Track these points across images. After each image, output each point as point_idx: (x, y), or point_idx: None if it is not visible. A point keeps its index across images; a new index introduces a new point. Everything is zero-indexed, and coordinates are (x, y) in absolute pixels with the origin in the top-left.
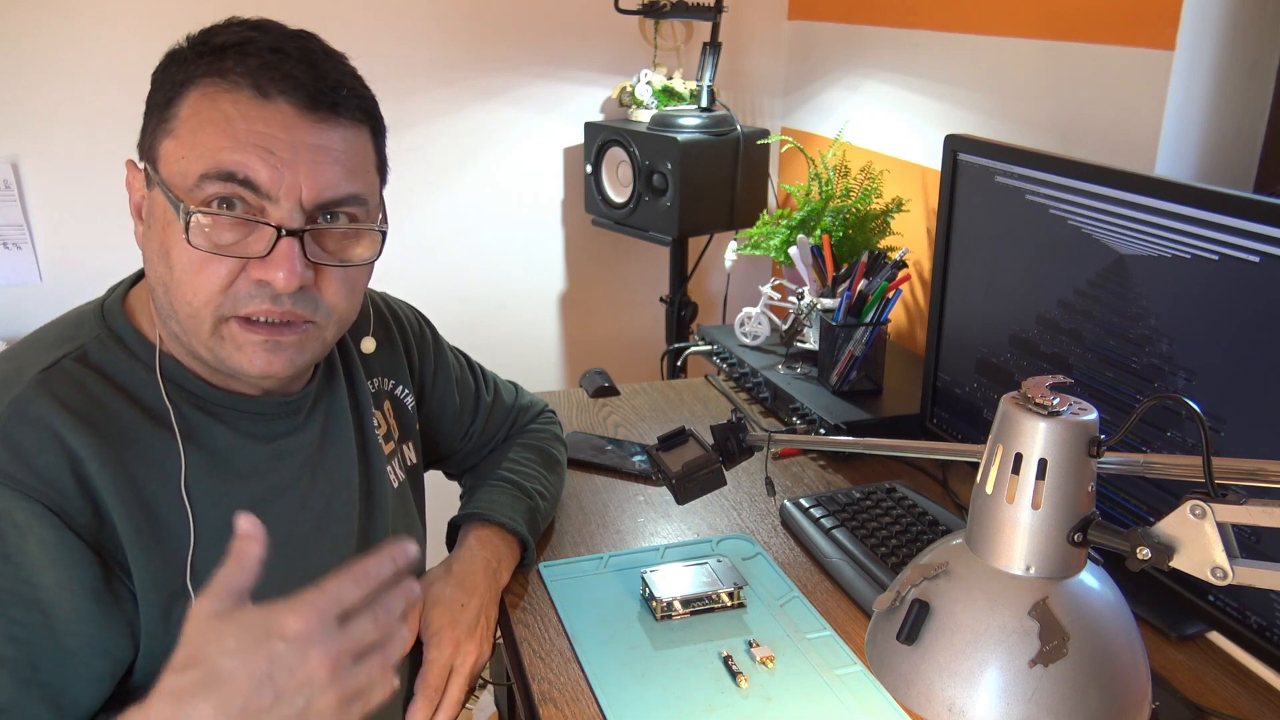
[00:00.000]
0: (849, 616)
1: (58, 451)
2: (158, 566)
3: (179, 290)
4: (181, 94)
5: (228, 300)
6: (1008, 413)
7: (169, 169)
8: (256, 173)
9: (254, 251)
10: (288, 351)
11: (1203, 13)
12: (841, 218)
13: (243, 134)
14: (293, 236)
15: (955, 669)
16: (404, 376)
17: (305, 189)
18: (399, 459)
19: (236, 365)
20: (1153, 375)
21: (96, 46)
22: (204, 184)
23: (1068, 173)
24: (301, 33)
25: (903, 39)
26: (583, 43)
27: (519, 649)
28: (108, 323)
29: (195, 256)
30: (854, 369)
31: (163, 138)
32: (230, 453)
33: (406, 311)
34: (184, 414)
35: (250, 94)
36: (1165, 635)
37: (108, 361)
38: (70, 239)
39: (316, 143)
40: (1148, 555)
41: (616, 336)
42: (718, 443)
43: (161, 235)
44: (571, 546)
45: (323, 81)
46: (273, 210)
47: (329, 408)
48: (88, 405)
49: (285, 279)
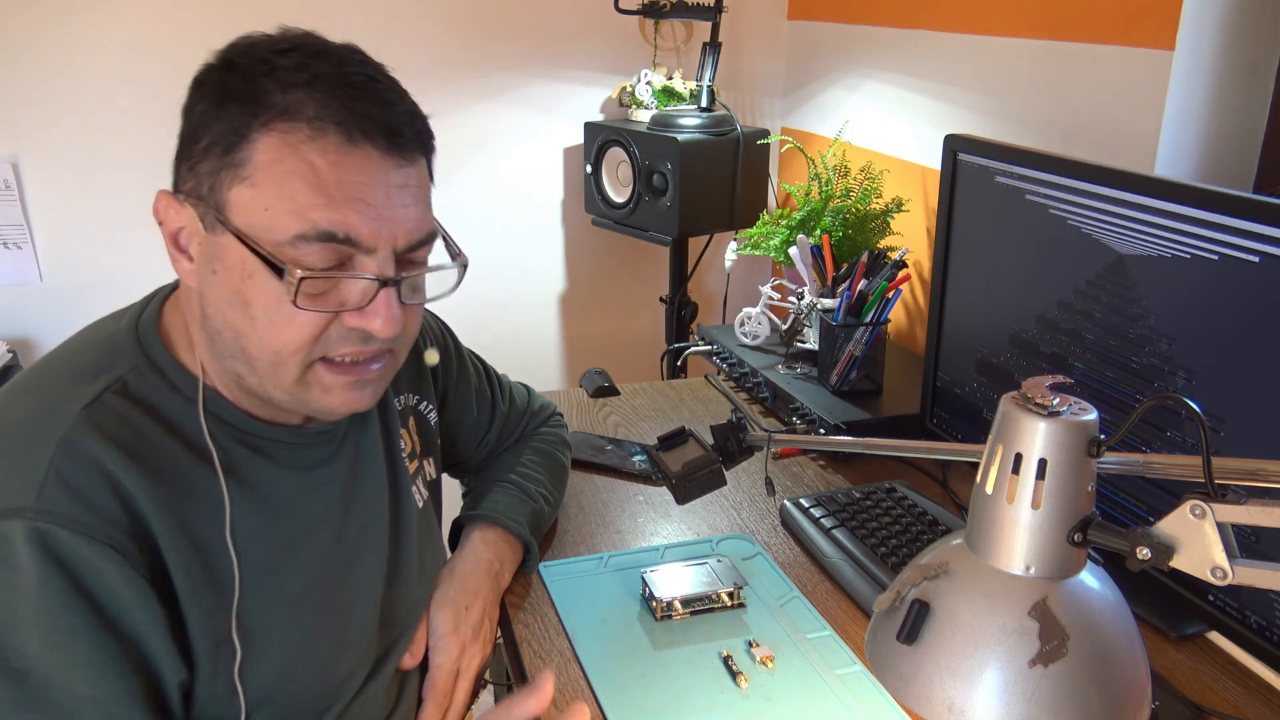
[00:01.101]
0: (849, 616)
1: (111, 491)
2: (206, 611)
3: (263, 339)
4: (249, 138)
5: (318, 347)
6: (1008, 413)
7: (247, 219)
8: (357, 229)
9: (350, 303)
10: (373, 386)
11: (1203, 13)
12: (841, 218)
13: (335, 187)
14: (388, 285)
15: (955, 669)
16: (428, 391)
17: (399, 236)
18: (422, 476)
19: (322, 406)
20: (1153, 375)
21: (97, 47)
22: (300, 244)
23: (1068, 173)
24: (353, 51)
25: (903, 39)
26: (583, 43)
27: (519, 649)
28: (145, 350)
29: (285, 309)
30: (854, 369)
31: (234, 183)
32: (271, 488)
33: (430, 322)
34: (224, 448)
35: (336, 140)
36: (1165, 635)
37: (148, 393)
38: (70, 239)
39: (400, 184)
40: (1148, 555)
41: (616, 336)
42: (718, 443)
43: (239, 285)
44: (571, 546)
45: (399, 119)
46: (368, 261)
47: (359, 436)
48: (135, 441)
49: (385, 327)
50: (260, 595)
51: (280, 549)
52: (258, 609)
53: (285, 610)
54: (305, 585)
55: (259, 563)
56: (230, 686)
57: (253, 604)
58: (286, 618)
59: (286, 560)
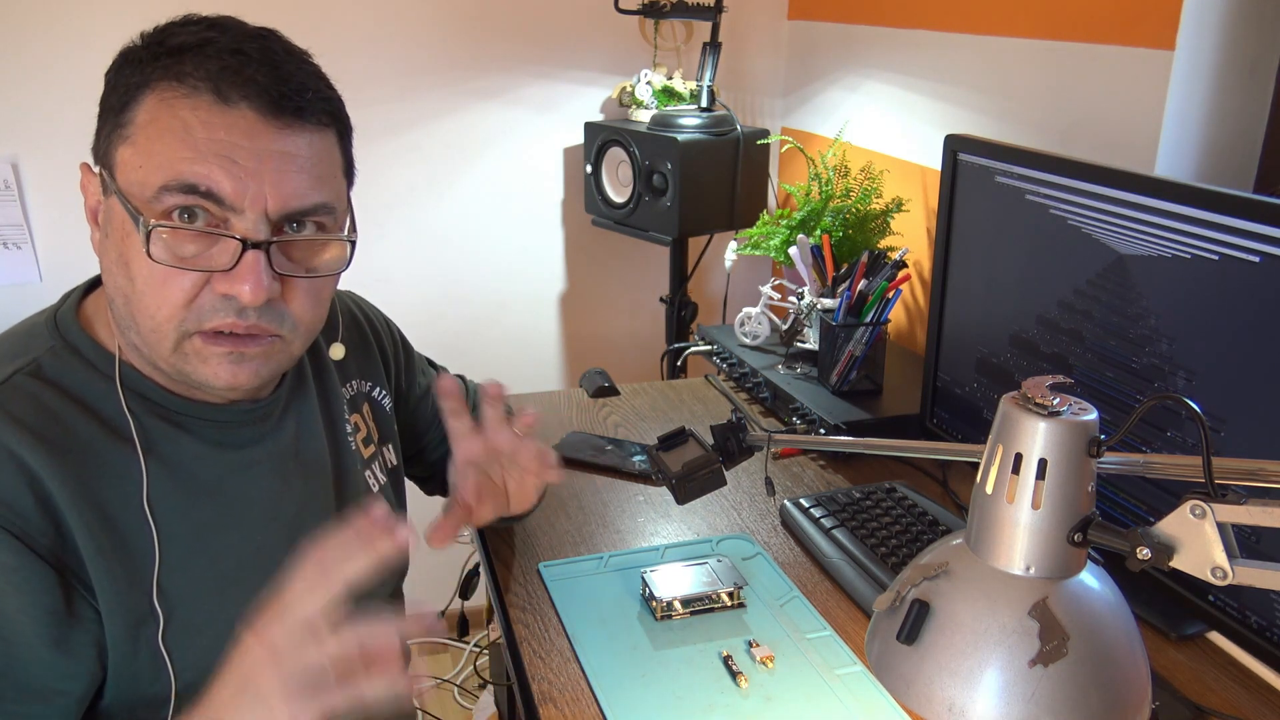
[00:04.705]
0: (849, 616)
1: (15, 471)
2: (123, 586)
3: (140, 303)
4: (137, 98)
5: (191, 315)
6: (1008, 413)
7: (126, 178)
8: (219, 184)
9: (218, 264)
10: (253, 363)
11: (1203, 13)
12: (841, 218)
13: (203, 143)
14: (258, 249)
15: (955, 669)
16: (380, 378)
17: (271, 199)
18: (380, 462)
19: (200, 378)
20: (1153, 375)
21: (97, 47)
22: (164, 196)
23: (1068, 173)
24: (263, 31)
25: (903, 39)
26: (583, 43)
27: (519, 649)
28: (62, 333)
29: (157, 270)
30: (854, 369)
31: (119, 144)
32: (196, 464)
33: (377, 314)
34: (145, 425)
35: (210, 99)
36: (1165, 635)
37: (64, 374)
38: (70, 239)
39: (281, 150)
40: (1148, 555)
41: (616, 336)
42: (718, 443)
43: (120, 246)
44: (571, 546)
45: (286, 84)
46: (237, 222)
47: (299, 414)
48: (44, 421)
49: (252, 292)
50: (188, 571)
51: (207, 526)
52: (184, 583)
53: (215, 588)
54: (238, 563)
55: (183, 538)
56: (157, 658)
57: (179, 578)
58: (217, 595)
59: (214, 537)
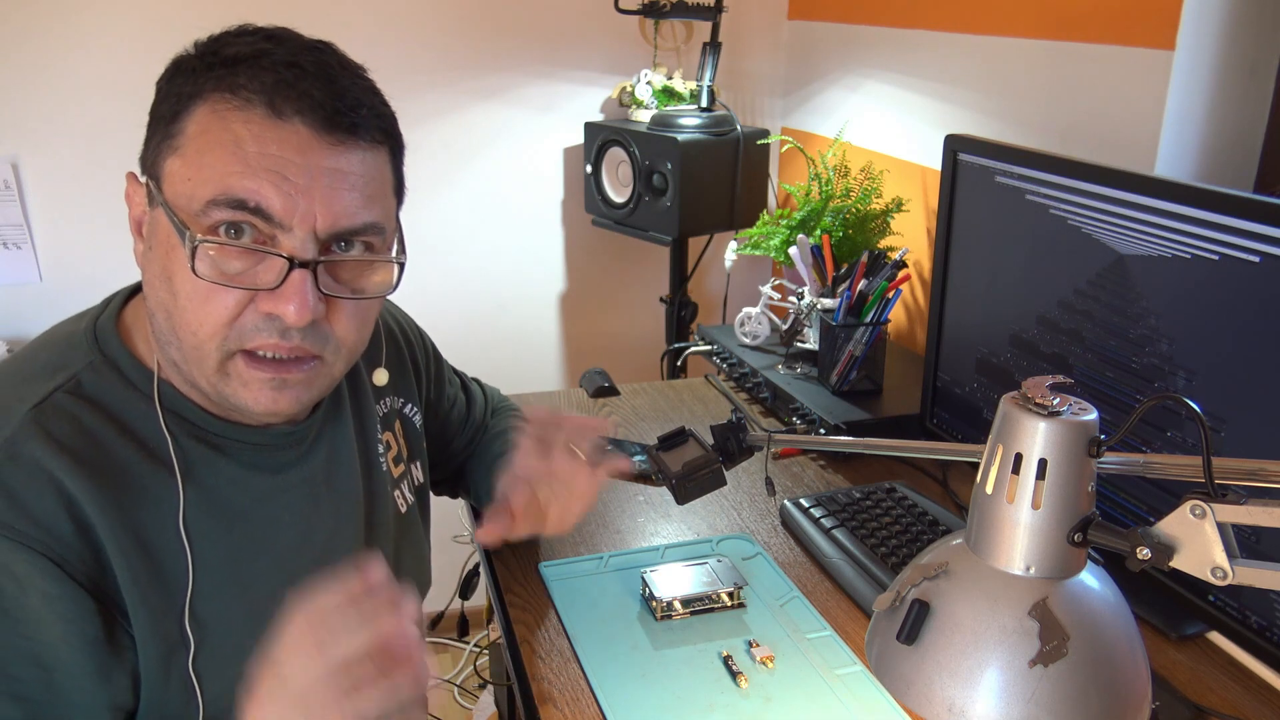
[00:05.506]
0: (849, 616)
1: (55, 497)
2: (157, 613)
3: (183, 319)
4: (188, 109)
5: (234, 333)
6: (1008, 413)
7: (174, 190)
8: (269, 200)
9: (263, 283)
10: (294, 390)
11: (1203, 13)
12: (841, 218)
13: (254, 157)
14: (305, 268)
15: (955, 669)
16: (413, 394)
17: (320, 217)
18: (408, 480)
19: (241, 402)
20: (1153, 375)
21: (97, 47)
22: (211, 210)
23: (1068, 173)
24: (320, 44)
25: (903, 39)
26: (583, 43)
27: (519, 649)
28: (101, 347)
29: (200, 286)
30: (854, 369)
31: (168, 155)
32: (230, 488)
33: (410, 326)
34: (183, 446)
35: (263, 113)
36: (1165, 635)
37: (103, 391)
38: (70, 239)
39: (333, 167)
40: (1148, 555)
41: (616, 336)
42: (718, 443)
43: (164, 259)
44: (571, 546)
45: (341, 100)
46: (285, 239)
47: (333, 437)
48: (84, 444)
49: (297, 313)
50: (220, 597)
51: (239, 551)
52: (217, 609)
53: (246, 615)
54: (270, 592)
55: (216, 563)
56: (187, 686)
57: (211, 604)
58: (247, 622)
59: (246, 563)
